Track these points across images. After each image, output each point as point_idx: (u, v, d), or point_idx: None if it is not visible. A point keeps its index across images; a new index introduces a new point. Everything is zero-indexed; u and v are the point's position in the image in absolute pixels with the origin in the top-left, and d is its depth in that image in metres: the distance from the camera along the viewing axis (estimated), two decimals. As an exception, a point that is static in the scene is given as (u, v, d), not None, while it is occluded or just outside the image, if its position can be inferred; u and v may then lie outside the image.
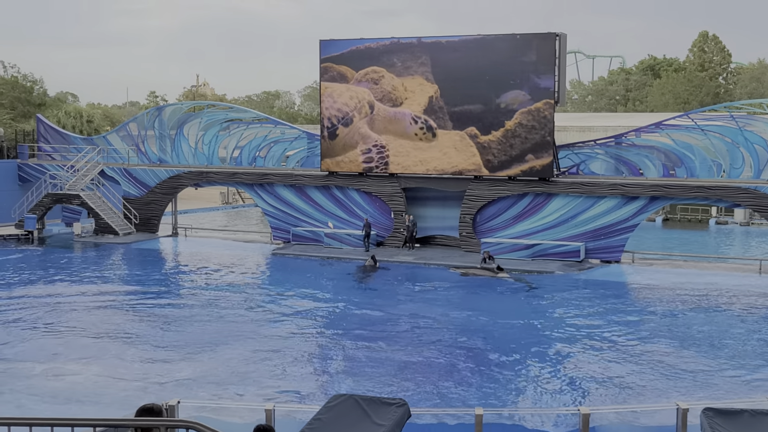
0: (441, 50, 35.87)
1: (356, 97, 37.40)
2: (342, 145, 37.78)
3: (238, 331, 23.46)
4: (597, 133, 43.05)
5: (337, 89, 37.75)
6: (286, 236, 39.80)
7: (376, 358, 20.70)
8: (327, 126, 38.06)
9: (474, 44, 35.38)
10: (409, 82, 36.36)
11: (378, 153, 37.28)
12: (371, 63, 36.99)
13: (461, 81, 35.62)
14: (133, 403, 16.65)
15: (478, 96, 35.40)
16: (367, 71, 37.06)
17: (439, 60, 35.89)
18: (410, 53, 36.26)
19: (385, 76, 36.73)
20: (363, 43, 37.27)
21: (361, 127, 37.41)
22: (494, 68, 35.12)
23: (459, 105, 35.70)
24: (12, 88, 63.24)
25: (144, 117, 44.98)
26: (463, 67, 35.53)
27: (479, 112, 35.40)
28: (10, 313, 25.62)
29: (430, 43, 36.02)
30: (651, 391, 18.12)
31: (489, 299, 28.46)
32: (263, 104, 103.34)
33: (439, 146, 36.15)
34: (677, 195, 33.98)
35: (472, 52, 35.37)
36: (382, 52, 36.77)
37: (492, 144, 35.32)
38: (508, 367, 20.05)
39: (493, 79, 35.09)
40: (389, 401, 10.57)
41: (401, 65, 36.46)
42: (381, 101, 36.96)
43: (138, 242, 40.57)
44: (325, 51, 37.96)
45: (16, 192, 45.13)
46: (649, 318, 25.54)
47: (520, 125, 34.82)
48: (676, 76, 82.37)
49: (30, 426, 7.00)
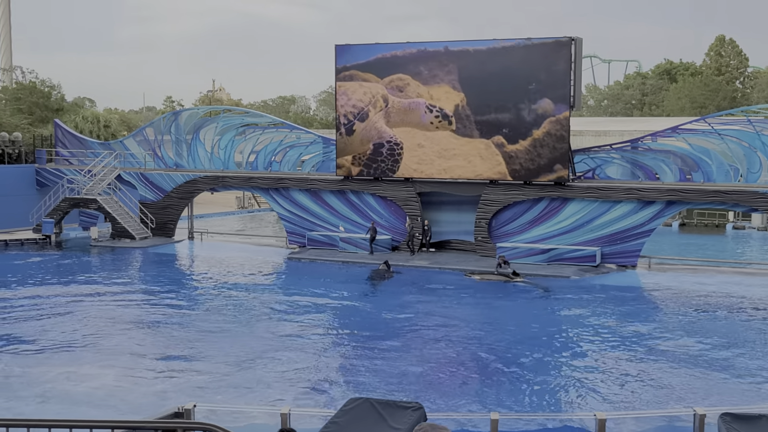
0: (468, 58, 35.71)
1: (370, 92, 37.50)
2: (359, 140, 37.83)
3: (253, 334, 23.52)
4: (613, 138, 42.91)
5: (351, 87, 37.82)
6: (301, 240, 39.89)
7: (391, 362, 20.69)
8: (343, 123, 38.13)
9: (502, 52, 35.14)
10: (435, 91, 36.30)
11: (393, 159, 37.27)
12: (397, 71, 36.97)
13: (488, 89, 35.44)
14: (149, 406, 16.73)
15: (506, 104, 35.23)
16: (392, 78, 37.03)
17: (466, 68, 35.78)
18: (437, 61, 36.18)
19: (411, 84, 36.70)
20: (387, 50, 37.09)
21: (377, 121, 37.47)
22: (523, 77, 34.90)
23: (486, 113, 35.56)
24: (30, 93, 63.66)
25: (161, 122, 45.21)
26: (491, 75, 35.34)
27: (507, 121, 35.27)
28: (27, 316, 25.77)
29: (458, 51, 35.87)
30: (668, 396, 18.03)
31: (504, 304, 28.41)
32: (279, 109, 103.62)
33: (463, 154, 36.08)
34: (694, 200, 33.81)
35: (500, 60, 35.17)
36: (408, 60, 36.70)
37: (519, 153, 35.18)
38: (524, 371, 19.99)
39: (521, 88, 34.93)
40: (405, 405, 10.58)
41: (428, 73, 36.41)
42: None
43: (154, 246, 40.76)
44: (346, 58, 37.84)
45: (33, 196, 45.45)
46: (666, 323, 25.41)
47: (548, 134, 34.67)
48: (693, 81, 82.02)
49: (49, 427, 7.06)
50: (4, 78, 73.60)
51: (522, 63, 34.80)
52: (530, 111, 34.75)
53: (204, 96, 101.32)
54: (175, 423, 7.55)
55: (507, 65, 35.11)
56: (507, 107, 35.16)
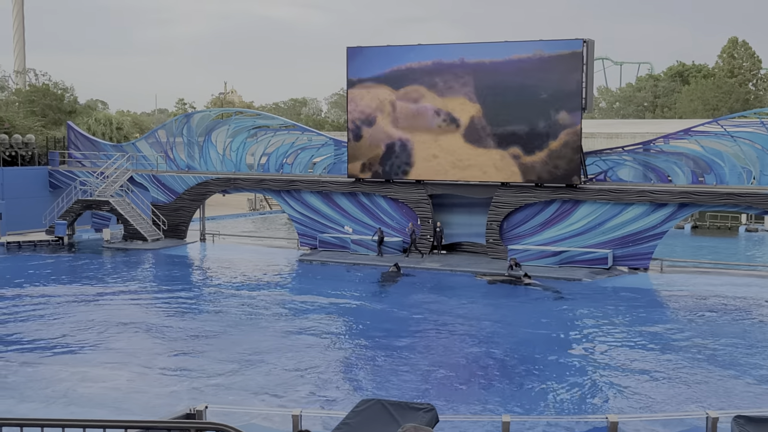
0: (484, 70, 35.68)
1: (377, 97, 37.55)
2: (368, 145, 37.91)
3: (264, 336, 23.57)
4: (625, 140, 42.80)
5: (359, 93, 37.91)
6: (312, 242, 39.95)
7: (403, 363, 20.70)
8: (351, 128, 38.27)
9: (518, 64, 35.08)
10: (451, 102, 36.31)
11: (406, 155, 37.32)
12: (412, 82, 36.97)
13: (505, 100, 35.45)
14: (162, 407, 16.80)
15: (522, 116, 35.22)
16: (407, 90, 37.06)
17: (482, 80, 35.78)
18: (452, 73, 36.19)
19: (426, 95, 36.73)
20: (401, 57, 37.02)
21: (384, 126, 37.54)
22: (538, 89, 34.85)
23: (502, 125, 35.52)
24: (43, 95, 63.94)
25: (173, 124, 45.35)
26: (507, 86, 35.31)
27: (523, 132, 35.25)
28: (40, 317, 25.91)
29: (474, 63, 35.83)
30: (680, 398, 17.97)
31: (515, 306, 28.37)
32: (290, 111, 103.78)
33: (479, 165, 36.06)
34: (706, 202, 33.69)
35: (515, 72, 35.17)
36: (423, 73, 36.72)
37: (536, 164, 35.13)
38: (536, 373, 19.97)
39: (537, 100, 34.88)
40: (417, 406, 10.58)
41: (443, 85, 36.43)
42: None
43: (166, 248, 40.88)
44: (359, 66, 37.89)
45: (46, 198, 45.67)
46: (679, 326, 25.33)
47: (565, 145, 34.59)
48: (705, 83, 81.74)
49: (63, 426, 7.12)
50: (18, 80, 73.94)
51: (538, 75, 34.70)
52: (547, 123, 34.67)
53: (216, 98, 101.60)
54: (189, 423, 7.59)
55: (523, 77, 35.00)
56: (524, 118, 35.09)
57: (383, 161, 37.77)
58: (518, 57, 35.14)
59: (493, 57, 35.53)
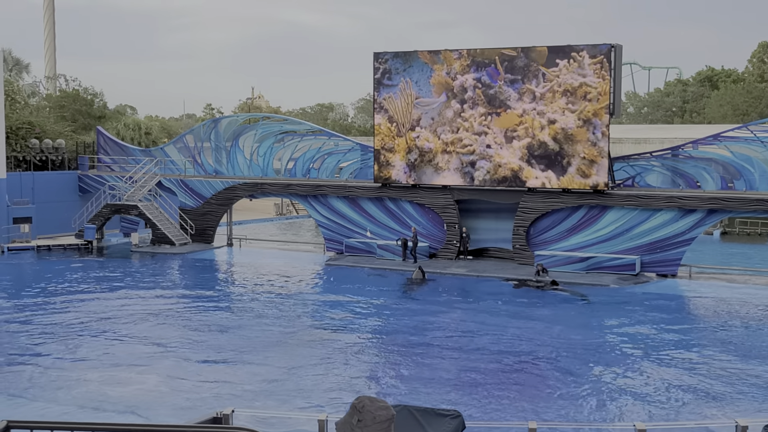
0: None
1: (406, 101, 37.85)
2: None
3: (292, 340, 23.63)
4: (653, 145, 42.52)
5: (390, 101, 38.06)
6: (339, 247, 40.01)
7: (429, 369, 20.68)
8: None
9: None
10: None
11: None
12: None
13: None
14: (189, 411, 16.90)
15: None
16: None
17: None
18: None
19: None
20: (422, 70, 37.42)
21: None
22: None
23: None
24: (73, 101, 64.65)
25: (200, 129, 45.66)
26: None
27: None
28: (69, 320, 26.16)
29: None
30: (709, 406, 17.80)
31: (542, 312, 28.23)
32: (317, 116, 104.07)
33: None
34: (736, 208, 33.36)
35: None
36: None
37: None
38: (563, 380, 19.86)
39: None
40: (444, 412, 10.56)
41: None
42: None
43: (194, 252, 41.13)
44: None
45: (76, 202, 46.12)
46: (708, 333, 25.10)
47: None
48: (735, 87, 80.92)
49: (91, 430, 7.17)
50: (49, 86, 74.83)
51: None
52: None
53: (243, 103, 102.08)
54: (216, 428, 7.62)
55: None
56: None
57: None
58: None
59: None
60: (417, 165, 37.73)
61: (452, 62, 37.07)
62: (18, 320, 26.31)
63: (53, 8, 79.72)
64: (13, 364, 21.10)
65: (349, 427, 4.03)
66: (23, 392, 18.77)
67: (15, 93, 56.68)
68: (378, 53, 38.38)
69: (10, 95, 52.39)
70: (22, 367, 20.86)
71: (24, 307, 28.30)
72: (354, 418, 4.16)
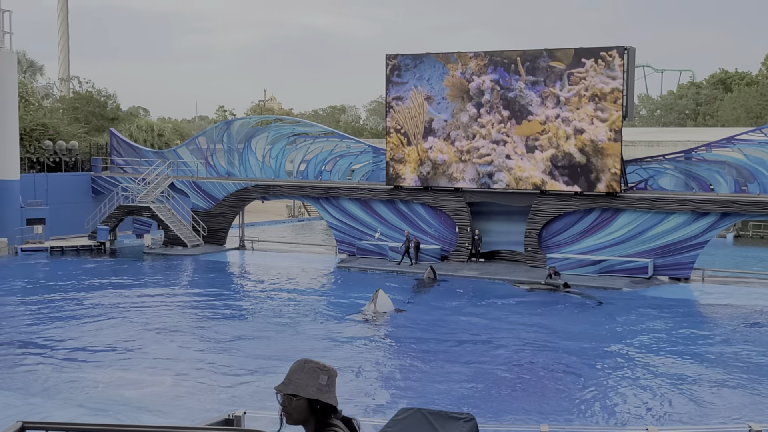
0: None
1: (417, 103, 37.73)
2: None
3: (303, 342, 23.66)
4: (666, 148, 42.38)
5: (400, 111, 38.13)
6: (350, 249, 40.03)
7: (442, 372, 20.67)
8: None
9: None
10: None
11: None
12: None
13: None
14: (201, 413, 16.93)
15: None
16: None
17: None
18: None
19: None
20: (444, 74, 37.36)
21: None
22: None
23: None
24: (87, 102, 64.91)
25: (213, 131, 45.78)
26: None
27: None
28: (82, 321, 26.27)
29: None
30: (722, 410, 17.73)
31: (554, 315, 28.17)
32: (329, 118, 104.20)
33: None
34: (749, 211, 33.22)
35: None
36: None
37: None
38: (574, 383, 19.82)
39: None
40: (457, 415, 10.54)
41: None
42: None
43: (206, 254, 41.24)
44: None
45: (89, 204, 46.32)
46: (721, 337, 25.00)
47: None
48: (749, 90, 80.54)
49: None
50: (62, 88, 75.19)
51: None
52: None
53: (255, 105, 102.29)
54: (228, 430, 7.64)
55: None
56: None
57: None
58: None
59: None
60: (430, 178, 37.67)
61: (468, 62, 36.89)
62: (32, 320, 26.44)
63: (67, 10, 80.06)
64: (28, 364, 21.20)
65: (316, 389, 4.35)
66: (38, 392, 18.85)
67: (29, 95, 57.00)
68: (390, 55, 38.40)
69: (24, 97, 52.68)
70: (37, 366, 20.95)
71: (38, 308, 28.44)
72: (322, 377, 4.50)
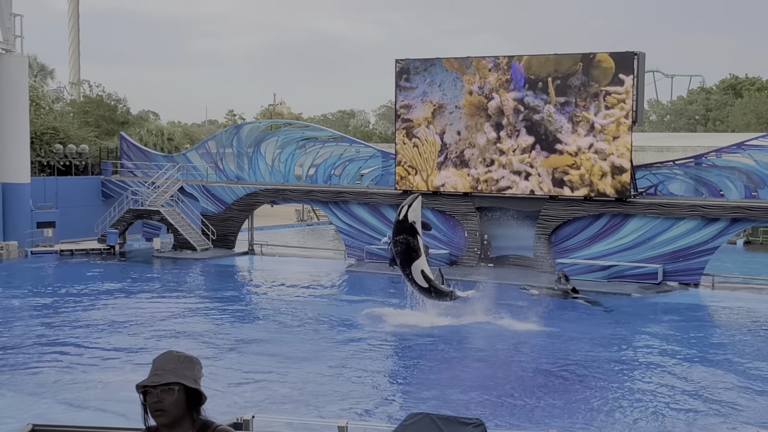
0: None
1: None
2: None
3: (312, 346, 23.67)
4: (676, 154, 42.26)
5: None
6: (360, 254, 40.03)
7: (451, 377, 20.65)
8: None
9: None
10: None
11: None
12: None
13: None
14: (209, 416, 16.95)
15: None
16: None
17: None
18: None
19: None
20: (442, 73, 37.26)
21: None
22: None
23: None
24: (97, 106, 65.11)
25: (222, 135, 45.88)
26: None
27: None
28: (92, 324, 26.34)
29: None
30: (731, 417, 17.67)
31: (564, 320, 28.09)
32: (338, 123, 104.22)
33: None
34: (760, 217, 33.10)
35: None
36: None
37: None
38: (585, 389, 19.78)
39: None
40: (466, 421, 10.53)
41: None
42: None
43: (215, 258, 41.30)
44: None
45: (99, 207, 46.45)
46: (731, 344, 24.90)
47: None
48: (759, 96, 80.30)
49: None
50: (73, 92, 75.45)
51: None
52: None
53: (265, 110, 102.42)
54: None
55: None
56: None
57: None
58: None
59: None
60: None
61: (486, 74, 36.60)
62: (42, 323, 26.52)
63: (78, 14, 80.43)
64: (38, 366, 21.26)
65: (194, 379, 4.15)
66: (47, 394, 18.91)
67: (40, 99, 57.19)
68: (399, 60, 38.42)
69: (34, 101, 52.87)
70: (47, 369, 21.01)
71: (48, 310, 28.53)
72: (198, 368, 4.28)
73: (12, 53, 41.66)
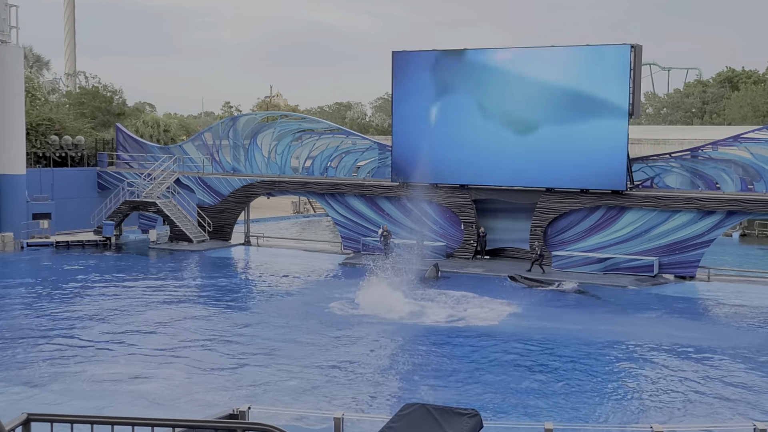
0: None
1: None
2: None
3: (308, 337, 23.68)
4: (672, 146, 42.30)
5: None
6: (356, 246, 40.04)
7: (446, 368, 20.68)
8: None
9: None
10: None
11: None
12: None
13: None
14: (206, 407, 16.98)
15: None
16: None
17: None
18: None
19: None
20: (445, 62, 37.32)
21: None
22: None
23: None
24: (93, 98, 64.94)
25: (219, 127, 45.84)
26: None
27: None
28: (89, 314, 26.33)
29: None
30: (727, 409, 17.71)
31: (556, 312, 28.09)
32: (335, 115, 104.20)
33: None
34: (755, 210, 33.15)
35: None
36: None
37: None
38: (579, 381, 19.80)
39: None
40: (461, 411, 10.57)
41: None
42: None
43: (211, 250, 41.28)
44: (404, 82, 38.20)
45: (95, 199, 46.43)
46: (726, 336, 24.94)
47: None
48: (756, 89, 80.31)
49: (112, 424, 7.24)
50: (68, 83, 75.24)
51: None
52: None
53: (261, 101, 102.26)
54: (235, 423, 7.67)
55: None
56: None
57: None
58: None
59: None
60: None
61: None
62: (37, 314, 26.50)
63: (73, 5, 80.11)
64: (33, 357, 21.25)
65: None
66: (43, 385, 18.91)
67: (35, 90, 57.07)
68: (396, 52, 38.37)
69: (30, 92, 52.76)
70: (42, 359, 21.00)
71: (44, 302, 28.51)
72: None
73: (7, 44, 41.53)
